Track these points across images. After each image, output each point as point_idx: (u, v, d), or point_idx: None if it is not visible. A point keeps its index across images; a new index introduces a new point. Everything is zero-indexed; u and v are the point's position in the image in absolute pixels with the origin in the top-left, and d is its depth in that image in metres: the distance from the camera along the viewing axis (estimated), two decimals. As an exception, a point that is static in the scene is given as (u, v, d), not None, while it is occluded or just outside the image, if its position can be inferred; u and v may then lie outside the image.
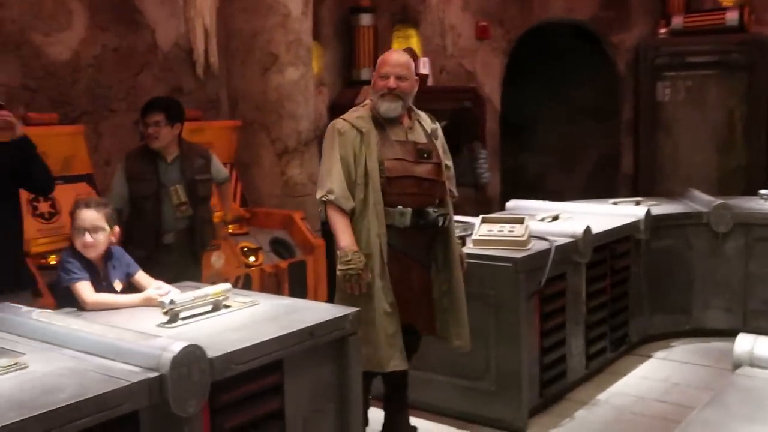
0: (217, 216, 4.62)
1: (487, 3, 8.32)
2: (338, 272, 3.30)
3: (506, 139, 8.70)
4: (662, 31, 8.10)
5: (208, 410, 2.34)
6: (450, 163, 3.67)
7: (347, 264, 3.26)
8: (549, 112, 9.10)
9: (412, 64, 3.56)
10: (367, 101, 3.56)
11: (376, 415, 3.71)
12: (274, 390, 2.60)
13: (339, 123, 3.46)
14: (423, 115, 3.65)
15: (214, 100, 5.92)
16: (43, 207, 4.39)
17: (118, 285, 3.11)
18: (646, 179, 7.80)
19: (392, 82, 3.43)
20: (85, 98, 5.11)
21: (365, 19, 7.10)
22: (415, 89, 3.54)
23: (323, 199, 3.37)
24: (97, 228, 3.05)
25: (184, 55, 5.67)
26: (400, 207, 3.37)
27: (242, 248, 5.06)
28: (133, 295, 3.03)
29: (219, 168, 4.43)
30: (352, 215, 3.37)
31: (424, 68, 7.23)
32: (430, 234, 3.49)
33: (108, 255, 3.13)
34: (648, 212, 5.09)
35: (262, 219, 5.52)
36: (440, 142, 3.62)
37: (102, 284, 3.06)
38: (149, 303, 2.93)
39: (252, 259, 5.08)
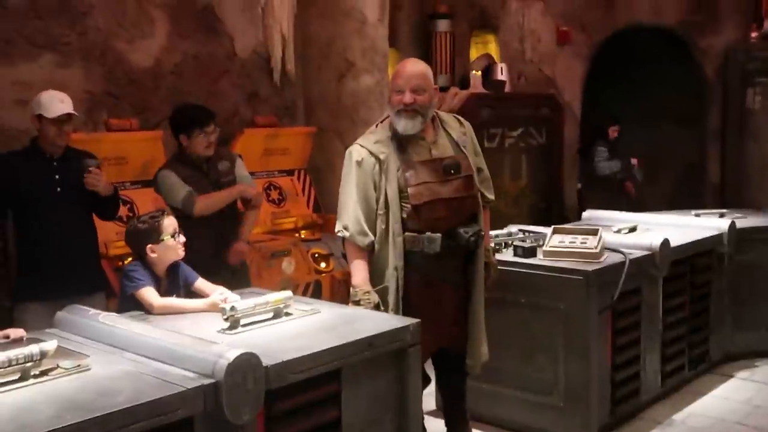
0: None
1: (569, 7, 8.15)
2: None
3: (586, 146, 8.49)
4: (754, 35, 7.77)
5: (263, 418, 2.35)
6: (483, 165, 3.47)
7: (357, 304, 3.15)
8: (633, 118, 8.84)
9: (430, 74, 3.31)
10: (386, 120, 3.34)
11: (437, 426, 3.67)
12: (331, 399, 2.59)
13: (356, 151, 3.26)
14: (449, 120, 3.43)
15: (290, 106, 5.98)
16: (122, 210, 4.52)
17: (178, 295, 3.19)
18: (732, 189, 7.50)
19: (408, 97, 3.17)
20: (165, 104, 5.24)
21: (443, 25, 7.08)
22: (436, 101, 3.31)
23: (339, 234, 3.29)
24: (178, 231, 3.20)
25: (261, 62, 5.75)
26: (428, 233, 3.18)
27: (313, 254, 5.09)
28: (199, 300, 3.08)
29: (243, 173, 4.21)
30: (372, 247, 3.24)
31: (502, 75, 7.15)
32: (462, 254, 3.34)
33: (172, 267, 3.22)
34: (732, 225, 4.88)
35: (335, 225, 5.53)
36: (470, 146, 3.41)
37: (164, 295, 3.13)
38: (214, 308, 2.96)
39: (323, 265, 5.10)
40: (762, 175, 7.61)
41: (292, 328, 2.78)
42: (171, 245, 3.17)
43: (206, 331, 2.68)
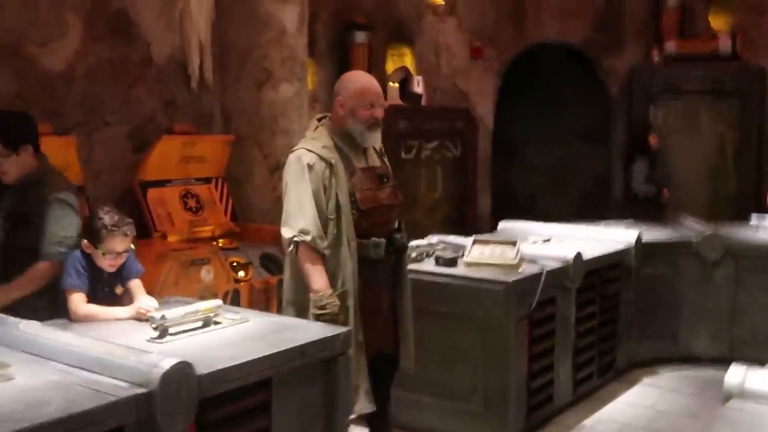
0: None
1: (481, 24, 8.37)
2: (312, 316, 3.16)
3: (498, 159, 8.73)
4: (655, 56, 8.16)
5: (196, 428, 2.32)
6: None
7: (322, 309, 3.12)
8: (542, 133, 9.15)
9: None
10: (321, 127, 3.40)
11: (363, 434, 3.69)
12: (262, 408, 2.58)
13: (305, 155, 3.26)
14: None
15: (208, 114, 5.90)
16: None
17: (119, 289, 3.12)
18: (636, 203, 7.82)
19: (380, 112, 3.32)
20: (78, 110, 5.09)
21: (360, 37, 7.14)
22: None
23: (296, 239, 3.20)
24: (126, 251, 3.08)
25: (178, 68, 5.66)
26: (374, 239, 3.28)
27: (231, 263, 5.03)
28: (122, 309, 3.02)
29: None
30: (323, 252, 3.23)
31: (419, 87, 7.27)
32: (395, 258, 3.44)
33: None
34: (639, 239, 5.11)
35: (253, 234, 5.49)
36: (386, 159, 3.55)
37: (105, 290, 3.07)
38: (137, 316, 2.92)
39: (241, 274, 5.05)
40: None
41: (222, 336, 2.76)
42: (100, 259, 3.05)
43: (135, 340, 2.63)
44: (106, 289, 3.09)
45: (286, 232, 3.25)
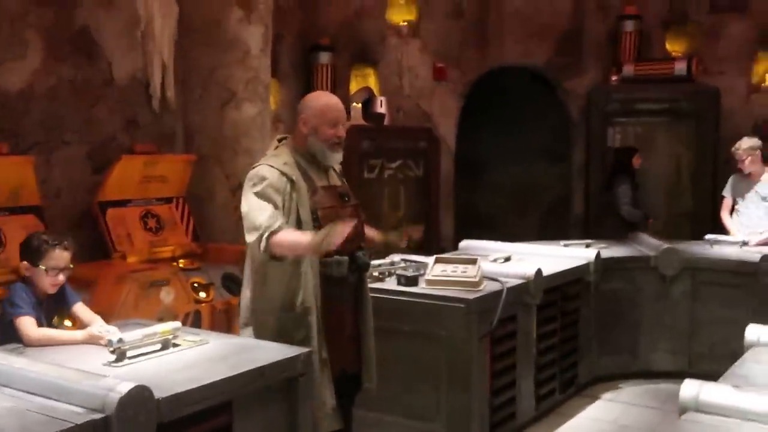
0: None
1: (444, 45, 8.45)
2: (326, 245, 3.01)
3: (461, 179, 8.80)
4: (614, 78, 8.32)
5: (154, 452, 2.30)
6: None
7: (325, 237, 2.97)
8: (503, 153, 9.25)
9: None
10: (282, 146, 3.40)
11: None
12: (222, 431, 2.56)
13: (265, 170, 3.23)
14: None
15: (170, 134, 5.87)
16: (-9, 240, 4.30)
17: (55, 320, 3.10)
18: (596, 221, 7.93)
19: (343, 131, 3.36)
20: (37, 129, 5.03)
21: (324, 57, 7.19)
22: None
23: (265, 235, 3.08)
24: (67, 268, 3.07)
25: (140, 88, 5.63)
26: (336, 256, 3.26)
27: (193, 284, 5.00)
28: (76, 332, 2.99)
29: None
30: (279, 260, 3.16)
31: (382, 108, 7.31)
32: (358, 276, 3.45)
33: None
34: (598, 255, 5.18)
35: (214, 254, 5.46)
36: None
37: (41, 322, 3.02)
38: (92, 340, 2.89)
39: (203, 294, 5.02)
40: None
41: (181, 359, 2.74)
42: (42, 277, 3.03)
43: (91, 364, 2.60)
44: (44, 321, 3.04)
45: (250, 237, 3.16)
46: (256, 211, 3.16)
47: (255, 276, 3.32)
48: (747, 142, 6.11)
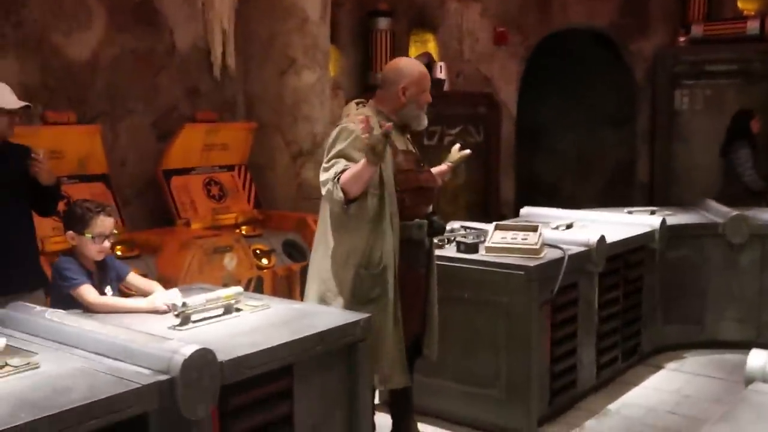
0: None
1: (505, 9, 8.30)
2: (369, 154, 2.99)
3: (522, 145, 8.68)
4: (682, 39, 8.06)
5: (218, 414, 2.35)
6: None
7: (374, 149, 2.96)
8: (566, 118, 9.08)
9: None
10: (364, 109, 3.36)
11: (384, 421, 3.71)
12: (283, 395, 2.61)
13: (351, 125, 3.20)
14: None
15: (231, 101, 5.94)
16: (59, 206, 4.41)
17: (108, 291, 3.10)
18: (661, 188, 7.76)
19: (430, 97, 3.41)
20: (103, 98, 5.15)
21: (383, 23, 7.13)
22: None
23: (334, 180, 3.07)
24: (112, 234, 3.11)
25: (201, 56, 5.70)
26: (417, 220, 3.33)
27: (255, 250, 5.08)
28: (140, 300, 3.00)
29: None
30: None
31: (441, 73, 7.24)
32: (431, 241, 3.49)
33: (102, 261, 3.14)
34: (663, 222, 5.06)
35: (276, 221, 5.54)
36: None
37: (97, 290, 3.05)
38: (154, 309, 2.89)
39: (264, 261, 5.10)
40: (689, 175, 7.90)
41: (244, 323, 2.78)
42: (88, 244, 3.04)
43: (156, 327, 2.66)
44: (96, 288, 3.04)
45: (324, 190, 3.15)
46: (329, 169, 3.15)
47: (334, 234, 3.28)
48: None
